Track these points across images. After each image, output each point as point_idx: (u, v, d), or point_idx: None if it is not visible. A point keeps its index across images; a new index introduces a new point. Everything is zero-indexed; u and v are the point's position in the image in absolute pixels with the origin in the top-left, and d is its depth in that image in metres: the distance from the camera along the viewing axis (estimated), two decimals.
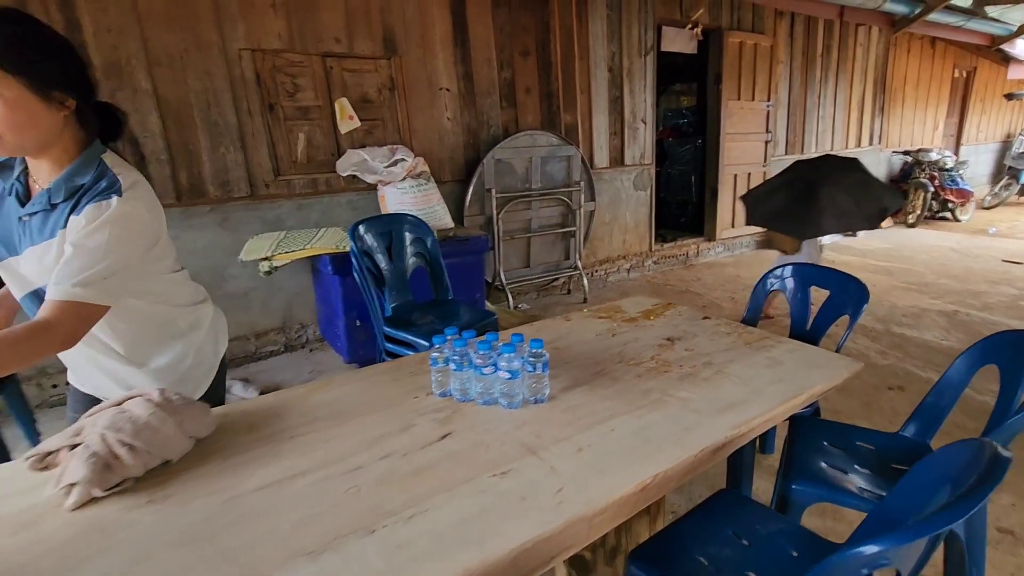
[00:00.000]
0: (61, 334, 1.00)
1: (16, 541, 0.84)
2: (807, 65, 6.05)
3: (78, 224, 1.02)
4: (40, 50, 0.98)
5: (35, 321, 0.98)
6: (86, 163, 1.05)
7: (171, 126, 2.92)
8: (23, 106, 0.95)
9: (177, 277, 1.29)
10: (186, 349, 1.30)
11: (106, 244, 1.02)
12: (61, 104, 1.01)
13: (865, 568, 0.77)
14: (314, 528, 0.84)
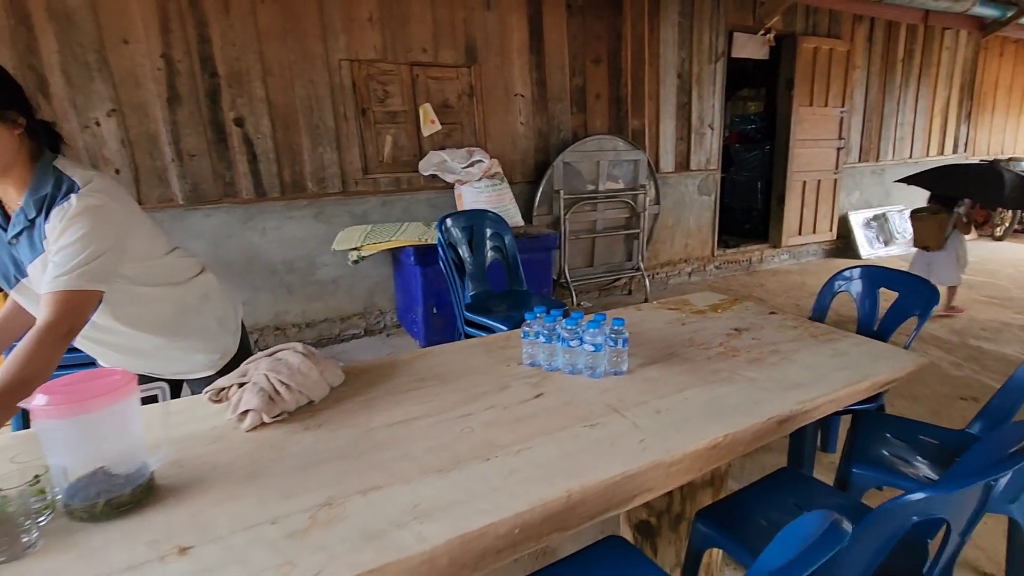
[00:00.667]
0: (61, 326, 1.07)
1: (212, 448, 1.09)
2: (886, 70, 5.87)
3: (51, 229, 1.09)
4: None
5: (34, 327, 1.06)
6: (43, 174, 1.11)
7: (279, 128, 3.28)
8: None
9: (171, 258, 1.38)
10: (207, 318, 1.44)
11: (80, 237, 1.08)
12: (14, 123, 1.07)
13: (915, 515, 0.89)
14: (440, 454, 1.04)
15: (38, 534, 0.82)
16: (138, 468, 0.92)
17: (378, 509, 0.88)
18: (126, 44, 2.88)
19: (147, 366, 1.41)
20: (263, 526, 0.84)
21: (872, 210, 6.23)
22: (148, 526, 0.85)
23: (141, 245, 1.27)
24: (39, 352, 1.04)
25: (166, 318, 1.36)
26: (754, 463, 2.24)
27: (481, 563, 0.88)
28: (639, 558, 1.17)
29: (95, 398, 0.86)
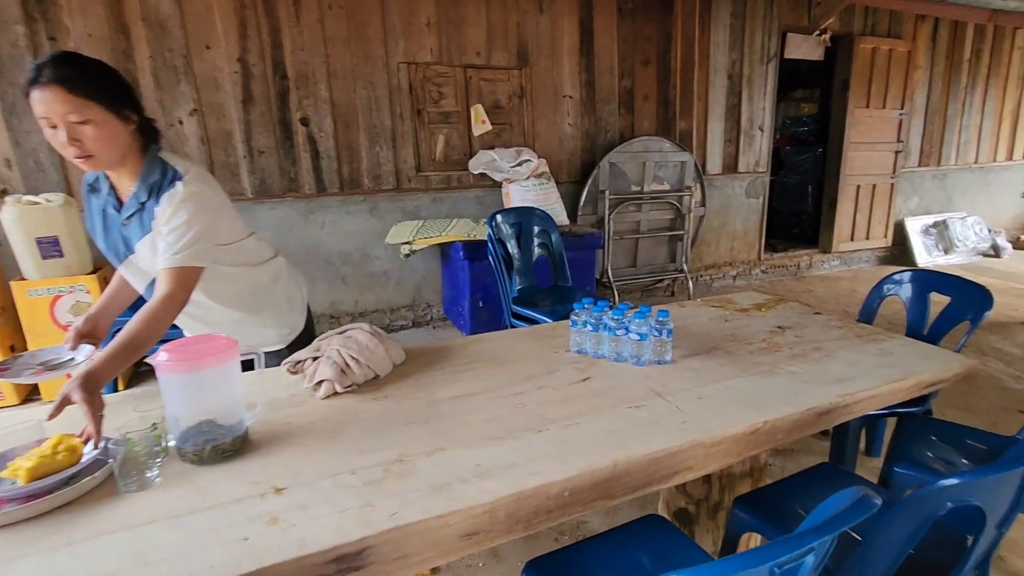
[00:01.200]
0: (177, 297, 1.23)
1: (293, 412, 1.22)
2: (950, 71, 5.63)
3: (162, 212, 1.25)
4: (105, 79, 1.19)
5: (154, 296, 1.23)
6: (151, 163, 1.27)
7: (340, 128, 3.48)
8: (106, 125, 1.16)
9: (250, 241, 1.53)
10: (278, 297, 1.60)
11: (186, 220, 1.24)
12: (128, 119, 1.22)
13: (950, 501, 0.93)
14: (497, 424, 1.14)
15: (158, 471, 0.97)
16: (237, 422, 1.06)
17: (443, 467, 0.99)
18: (208, 49, 3.12)
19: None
20: (344, 475, 0.97)
21: (931, 216, 5.99)
22: (247, 470, 0.99)
23: (227, 228, 1.43)
24: (157, 318, 1.20)
25: (243, 295, 1.51)
26: (795, 464, 2.25)
27: (533, 520, 0.97)
28: (678, 536, 1.24)
29: (206, 358, 1.01)
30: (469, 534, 0.91)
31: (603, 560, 1.15)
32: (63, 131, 1.13)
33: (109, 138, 1.17)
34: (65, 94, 1.10)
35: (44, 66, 1.10)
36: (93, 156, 1.17)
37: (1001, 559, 1.73)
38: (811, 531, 0.72)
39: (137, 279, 1.41)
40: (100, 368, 1.09)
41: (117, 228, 1.34)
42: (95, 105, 1.14)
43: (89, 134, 1.14)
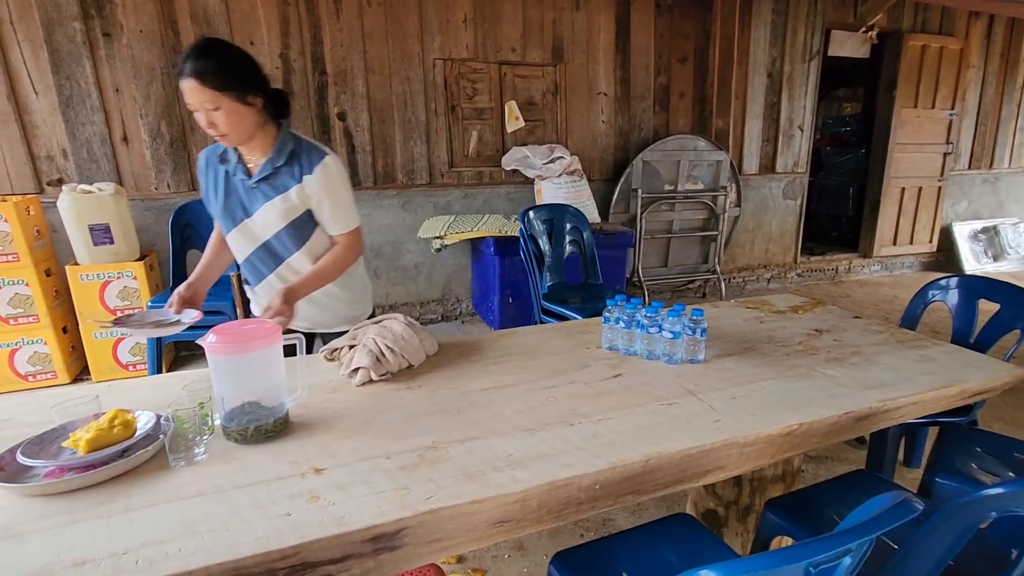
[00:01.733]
0: (355, 249, 1.57)
1: (331, 397, 1.26)
2: (1006, 70, 5.38)
3: (318, 179, 1.44)
4: (234, 70, 1.33)
5: (340, 247, 1.53)
6: (286, 137, 1.45)
7: (376, 122, 3.54)
8: (234, 112, 1.33)
9: None
10: (359, 280, 1.73)
11: (344, 187, 1.49)
12: (253, 103, 1.37)
13: (994, 511, 0.90)
14: (528, 416, 1.16)
15: (205, 449, 1.01)
16: (279, 404, 1.10)
17: (477, 455, 1.00)
18: (252, 45, 3.22)
19: (308, 314, 1.64)
20: (380, 459, 0.99)
21: (981, 222, 5.74)
22: (288, 450, 1.03)
23: None
24: (342, 260, 1.53)
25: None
26: (828, 472, 2.20)
27: (564, 512, 0.98)
28: (707, 535, 1.23)
29: (253, 341, 1.05)
30: (501, 521, 0.93)
31: (630, 555, 1.15)
32: (203, 115, 1.32)
33: (238, 121, 1.35)
34: (200, 86, 1.27)
35: (186, 59, 1.28)
36: (227, 135, 1.36)
37: None
38: (849, 531, 0.71)
39: (246, 243, 1.54)
40: (298, 287, 1.43)
41: (238, 194, 1.49)
42: (223, 96, 1.30)
43: (221, 119, 1.32)
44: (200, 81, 1.26)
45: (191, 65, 1.26)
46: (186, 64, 1.26)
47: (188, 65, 1.26)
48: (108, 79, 3.02)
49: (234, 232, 1.53)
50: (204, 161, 1.53)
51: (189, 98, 1.29)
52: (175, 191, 3.26)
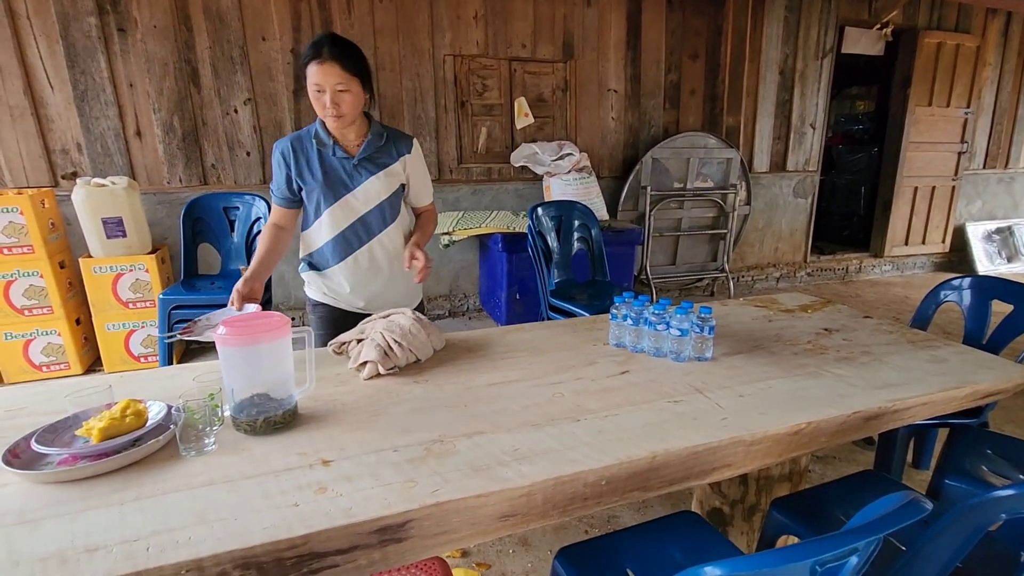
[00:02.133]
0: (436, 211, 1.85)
1: (339, 391, 1.27)
2: (1022, 68, 5.30)
3: (414, 157, 1.70)
4: (362, 61, 1.52)
5: (432, 213, 1.82)
6: (376, 123, 1.65)
7: (386, 118, 3.54)
8: (357, 96, 1.52)
9: None
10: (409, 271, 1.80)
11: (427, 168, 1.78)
12: (367, 93, 1.56)
13: (1004, 513, 0.89)
14: (535, 411, 1.16)
15: (214, 439, 1.02)
16: (288, 396, 1.11)
17: (483, 449, 1.01)
18: (264, 41, 3.23)
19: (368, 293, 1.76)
20: (387, 452, 1.00)
21: (995, 222, 5.66)
22: (297, 442, 1.04)
23: None
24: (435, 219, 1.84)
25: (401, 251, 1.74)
26: (835, 472, 2.18)
27: (569, 507, 0.98)
28: (712, 532, 1.23)
29: (262, 333, 1.06)
30: (506, 515, 0.93)
31: (635, 551, 1.16)
32: (328, 95, 1.46)
33: (356, 105, 1.52)
34: (339, 69, 1.44)
35: (323, 44, 1.43)
36: (344, 116, 1.51)
37: None
38: (856, 530, 0.71)
39: (344, 217, 1.66)
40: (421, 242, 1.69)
41: (339, 172, 1.61)
42: (355, 79, 1.48)
43: (347, 100, 1.48)
44: (340, 64, 1.44)
45: (331, 49, 1.43)
46: (324, 48, 1.43)
47: (327, 49, 1.43)
48: (122, 74, 3.05)
49: (334, 207, 1.64)
50: (287, 149, 1.60)
51: (322, 78, 1.44)
52: (187, 185, 3.29)
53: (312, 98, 1.50)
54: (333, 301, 1.77)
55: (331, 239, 1.68)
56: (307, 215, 1.69)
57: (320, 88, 1.46)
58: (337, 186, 1.62)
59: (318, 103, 1.49)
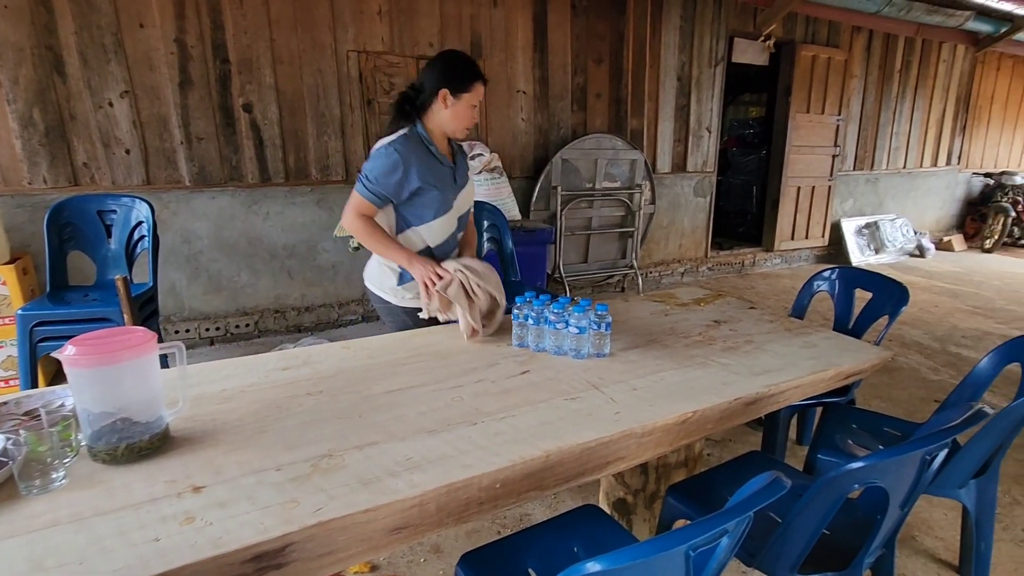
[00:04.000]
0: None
1: (222, 408, 1.18)
2: (883, 80, 5.97)
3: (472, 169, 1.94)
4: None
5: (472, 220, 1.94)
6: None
7: (286, 115, 3.36)
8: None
9: None
10: None
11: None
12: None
13: (857, 483, 0.98)
14: (431, 417, 1.14)
15: (65, 472, 0.91)
16: (156, 418, 1.01)
17: (374, 461, 0.97)
18: (142, 28, 2.95)
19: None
20: (269, 472, 0.94)
21: (864, 218, 6.34)
22: (166, 469, 0.95)
23: None
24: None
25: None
26: (731, 453, 2.33)
27: (465, 513, 0.97)
28: (611, 524, 1.27)
29: (119, 351, 0.95)
30: (398, 528, 0.90)
31: (537, 550, 1.17)
32: (475, 111, 1.66)
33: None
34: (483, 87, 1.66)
35: (477, 65, 1.65)
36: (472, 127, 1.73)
37: (913, 538, 1.85)
38: (723, 513, 0.75)
39: (450, 224, 1.76)
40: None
41: (443, 182, 1.69)
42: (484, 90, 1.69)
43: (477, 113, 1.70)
44: (484, 84, 1.66)
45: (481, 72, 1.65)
46: (479, 70, 1.64)
47: (480, 72, 1.64)
48: None
49: (449, 214, 1.73)
50: (405, 152, 1.61)
51: (478, 97, 1.64)
52: (53, 186, 2.94)
53: (461, 112, 1.63)
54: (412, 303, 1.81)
55: (439, 244, 1.77)
56: (407, 218, 1.71)
57: (475, 104, 1.64)
58: (448, 193, 1.71)
59: (467, 117, 1.65)
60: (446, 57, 1.66)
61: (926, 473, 1.03)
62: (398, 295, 1.83)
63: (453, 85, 1.60)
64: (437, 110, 1.63)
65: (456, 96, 1.61)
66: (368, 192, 1.64)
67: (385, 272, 1.82)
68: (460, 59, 1.65)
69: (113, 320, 2.36)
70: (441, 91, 1.60)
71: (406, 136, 1.63)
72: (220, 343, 3.50)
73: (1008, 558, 1.77)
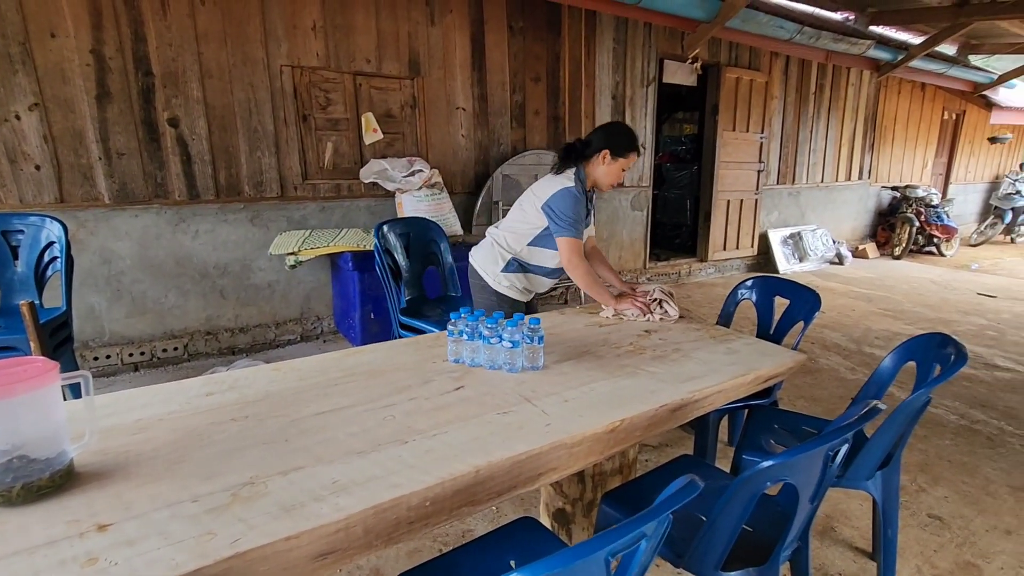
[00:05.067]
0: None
1: (136, 439, 1.12)
2: (800, 101, 6.42)
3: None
4: None
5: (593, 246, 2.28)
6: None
7: (216, 131, 3.24)
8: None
9: None
10: None
11: None
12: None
13: (769, 481, 1.05)
14: (362, 438, 1.12)
15: None
16: (58, 454, 0.95)
17: (298, 486, 0.95)
18: (53, 38, 2.79)
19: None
20: (184, 504, 0.90)
21: (789, 229, 6.75)
22: (68, 508, 0.89)
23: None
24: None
25: None
26: (665, 458, 2.41)
27: (395, 534, 0.96)
28: (547, 536, 1.28)
29: (14, 384, 0.89)
30: (323, 554, 0.88)
31: (472, 567, 1.16)
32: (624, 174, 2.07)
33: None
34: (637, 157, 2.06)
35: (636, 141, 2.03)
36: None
37: (832, 529, 1.97)
38: (638, 518, 0.78)
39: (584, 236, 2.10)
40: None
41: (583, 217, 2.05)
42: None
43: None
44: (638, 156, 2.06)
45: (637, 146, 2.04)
46: (636, 144, 2.03)
47: (637, 145, 2.03)
48: None
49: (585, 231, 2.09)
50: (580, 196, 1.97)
51: (630, 163, 2.03)
52: None
53: (615, 171, 2.02)
54: (527, 297, 2.23)
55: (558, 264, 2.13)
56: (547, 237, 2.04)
57: (626, 168, 2.03)
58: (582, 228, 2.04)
59: (617, 175, 2.03)
60: (615, 126, 2.05)
61: (831, 468, 1.11)
62: (497, 279, 2.13)
63: (615, 149, 1.98)
64: (596, 163, 2.00)
65: (614, 158, 1.99)
66: (575, 231, 1.96)
67: (494, 256, 2.13)
68: (625, 131, 2.02)
69: (19, 349, 2.19)
70: (604, 151, 1.97)
71: (577, 176, 1.98)
72: (146, 368, 3.30)
73: (915, 541, 1.91)
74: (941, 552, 1.87)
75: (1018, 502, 2.15)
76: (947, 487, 2.25)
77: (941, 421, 2.83)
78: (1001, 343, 4.10)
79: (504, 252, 2.12)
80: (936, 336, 1.65)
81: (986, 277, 6.49)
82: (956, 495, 2.19)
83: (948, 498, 2.18)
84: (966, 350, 1.49)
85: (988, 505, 2.13)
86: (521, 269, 2.14)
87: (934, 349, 1.62)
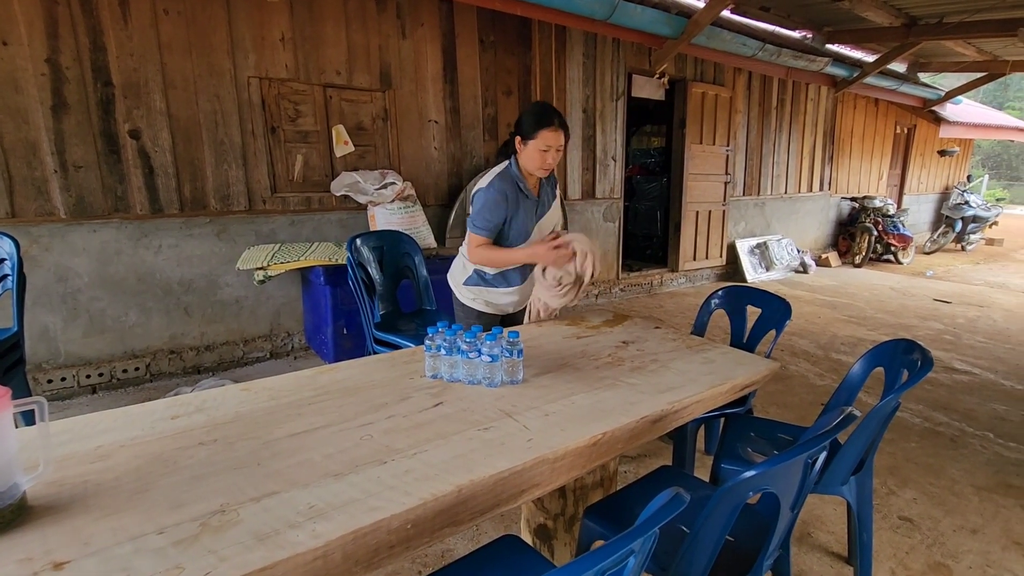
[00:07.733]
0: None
1: (96, 467, 1.06)
2: (763, 115, 6.63)
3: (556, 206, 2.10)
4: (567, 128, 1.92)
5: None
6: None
7: (180, 142, 3.15)
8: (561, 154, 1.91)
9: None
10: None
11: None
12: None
13: (751, 491, 1.05)
14: (339, 459, 1.08)
15: None
16: (9, 487, 0.89)
17: (273, 513, 0.91)
18: (5, 46, 2.67)
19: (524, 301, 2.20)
20: (149, 536, 0.85)
21: (755, 239, 6.93)
22: (20, 545, 0.83)
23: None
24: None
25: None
26: (645, 469, 2.42)
27: (376, 559, 0.93)
28: (531, 554, 1.26)
29: None
30: None
31: None
32: (549, 154, 1.87)
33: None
34: (562, 135, 1.88)
35: (554, 114, 1.87)
36: (549, 169, 1.93)
37: (809, 535, 2.00)
38: (627, 535, 0.77)
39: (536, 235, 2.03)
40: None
41: (531, 211, 2.00)
42: (565, 144, 1.91)
43: (556, 159, 1.90)
44: (564, 131, 1.88)
45: (559, 119, 1.87)
46: (555, 118, 1.86)
47: (557, 119, 1.86)
48: None
49: (530, 239, 2.01)
50: (507, 191, 1.92)
51: (551, 141, 1.85)
52: None
53: (533, 155, 1.88)
54: (495, 310, 2.16)
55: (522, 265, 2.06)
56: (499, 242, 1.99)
57: (546, 148, 1.86)
58: (528, 222, 1.99)
59: (539, 158, 1.88)
60: (527, 108, 1.98)
61: (810, 475, 1.13)
62: (461, 292, 2.15)
63: (522, 132, 1.89)
64: (520, 153, 1.93)
65: (524, 142, 1.89)
66: (480, 227, 1.92)
67: (460, 267, 2.15)
68: (531, 110, 1.91)
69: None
70: (516, 138, 1.91)
71: (502, 177, 1.93)
72: (104, 390, 3.15)
73: (888, 544, 1.95)
74: (913, 554, 1.91)
75: (982, 501, 2.23)
76: (915, 489, 2.31)
77: (907, 424, 2.92)
78: (958, 347, 4.27)
79: (467, 263, 2.10)
80: (902, 342, 1.70)
81: (940, 283, 6.77)
82: (924, 496, 2.25)
83: (917, 500, 2.24)
84: (931, 355, 1.53)
85: (954, 505, 2.20)
86: (481, 281, 2.11)
87: (900, 355, 1.67)
